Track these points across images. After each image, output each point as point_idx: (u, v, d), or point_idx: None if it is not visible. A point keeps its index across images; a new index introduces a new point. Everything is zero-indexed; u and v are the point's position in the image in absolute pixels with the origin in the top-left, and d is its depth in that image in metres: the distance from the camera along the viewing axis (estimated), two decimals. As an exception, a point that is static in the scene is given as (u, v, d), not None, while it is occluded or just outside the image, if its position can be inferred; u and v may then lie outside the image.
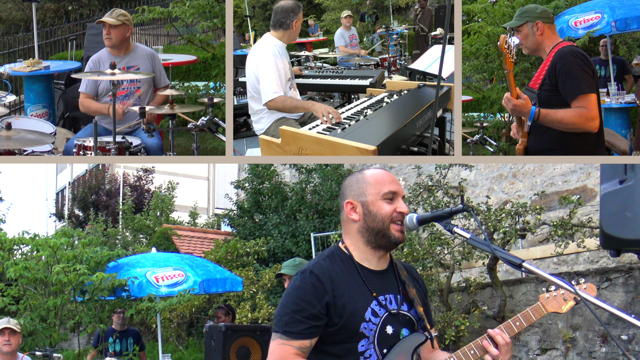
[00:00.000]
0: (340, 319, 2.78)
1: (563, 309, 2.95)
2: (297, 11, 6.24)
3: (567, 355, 8.33)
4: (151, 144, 6.72)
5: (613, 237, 4.08)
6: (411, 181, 11.17)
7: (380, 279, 2.93)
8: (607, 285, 8.20)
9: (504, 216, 8.98)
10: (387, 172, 2.98)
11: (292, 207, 12.41)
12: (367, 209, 2.90)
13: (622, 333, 7.87)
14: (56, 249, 8.73)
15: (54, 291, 8.72)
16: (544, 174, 11.04)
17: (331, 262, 2.88)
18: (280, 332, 2.77)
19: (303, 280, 2.80)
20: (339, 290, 2.80)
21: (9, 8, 16.10)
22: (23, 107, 8.55)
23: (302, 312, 2.75)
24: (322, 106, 5.79)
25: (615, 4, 7.81)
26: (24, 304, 8.88)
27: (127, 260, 9.76)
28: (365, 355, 2.81)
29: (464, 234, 2.92)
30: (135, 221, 16.64)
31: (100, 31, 8.46)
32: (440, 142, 6.68)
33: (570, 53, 4.86)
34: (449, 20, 5.05)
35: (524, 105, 4.81)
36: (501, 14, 8.05)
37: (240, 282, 9.71)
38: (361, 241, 2.92)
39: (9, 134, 5.91)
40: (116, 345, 9.50)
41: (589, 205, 9.86)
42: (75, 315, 8.99)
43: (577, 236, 8.71)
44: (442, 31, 11.62)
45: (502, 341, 2.83)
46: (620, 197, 4.04)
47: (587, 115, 4.72)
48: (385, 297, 2.89)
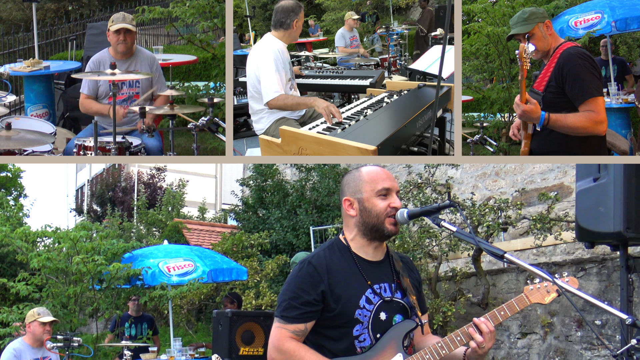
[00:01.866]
0: (336, 305, 2.80)
1: (546, 300, 2.94)
2: (297, 11, 5.86)
3: (546, 339, 8.33)
4: (151, 144, 6.36)
5: (588, 230, 4.08)
6: (402, 179, 11.16)
7: (376, 269, 2.94)
8: (582, 274, 8.20)
9: (488, 211, 8.97)
10: (383, 169, 2.98)
11: (293, 202, 12.38)
12: (362, 206, 2.91)
13: (596, 318, 7.87)
14: (76, 241, 8.72)
15: (74, 280, 8.72)
16: (524, 173, 11.02)
17: (330, 253, 2.90)
18: (279, 316, 2.82)
19: (301, 270, 2.84)
20: (335, 278, 2.82)
21: (9, 8, 15.32)
22: (23, 107, 8.07)
23: (298, 299, 2.79)
24: (324, 102, 5.46)
25: (615, 4, 7.40)
26: (46, 292, 8.89)
27: (141, 251, 9.76)
28: (360, 339, 2.83)
29: (451, 228, 2.92)
30: (148, 216, 16.62)
31: (101, 31, 7.90)
32: (440, 142, 6.34)
33: (578, 55, 4.53)
34: (449, 21, 4.73)
35: (534, 110, 4.44)
36: (501, 14, 7.58)
37: (245, 272, 9.70)
38: (358, 234, 2.94)
39: (9, 134, 5.52)
40: (132, 329, 9.50)
41: (565, 201, 9.86)
42: (94, 302, 8.99)
43: (554, 229, 8.71)
44: (442, 31, 10.96)
45: (487, 329, 2.82)
46: (594, 193, 4.03)
47: (597, 119, 4.43)
48: (380, 285, 2.91)
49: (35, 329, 6.39)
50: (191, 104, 7.66)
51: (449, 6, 4.56)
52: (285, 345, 2.79)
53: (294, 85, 6.14)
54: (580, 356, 7.99)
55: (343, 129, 4.99)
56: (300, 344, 2.81)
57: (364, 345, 2.84)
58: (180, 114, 6.02)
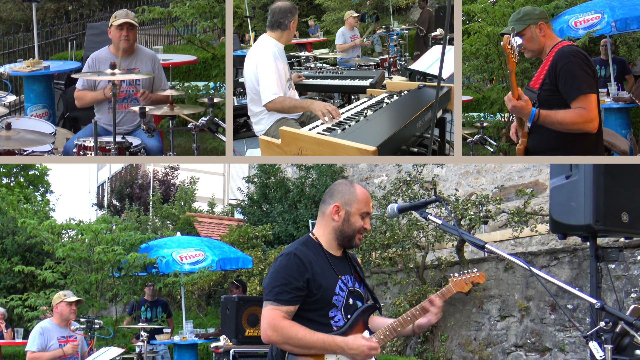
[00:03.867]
0: (317, 292, 3.00)
1: (465, 289, 3.26)
2: (294, 12, 5.44)
3: (522, 321, 8.33)
4: (151, 144, 5.84)
5: (560, 223, 4.07)
6: (392, 177, 11.16)
7: (340, 263, 3.17)
8: (555, 263, 8.20)
9: (470, 206, 8.98)
10: (368, 194, 3.19)
11: (294, 198, 12.39)
12: (347, 217, 3.13)
13: (568, 303, 7.88)
14: (97, 233, 8.73)
15: (95, 268, 8.72)
16: (503, 171, 11.02)
17: (306, 248, 3.09)
18: (272, 299, 2.99)
19: (289, 260, 3.01)
20: (314, 269, 3.02)
21: (9, 8, 14.33)
22: (23, 107, 7.44)
23: (289, 285, 2.96)
24: (321, 104, 5.07)
25: (615, 4, 6.96)
26: (70, 279, 8.89)
27: (156, 242, 9.76)
28: (335, 319, 3.06)
29: (437, 221, 2.93)
30: (163, 210, 16.62)
31: (101, 31, 7.32)
32: (440, 143, 5.96)
33: (571, 53, 4.24)
34: (449, 21, 4.42)
35: (524, 106, 4.17)
36: (501, 14, 7.11)
37: (250, 261, 9.70)
38: (332, 237, 3.16)
39: (9, 134, 5.12)
40: (147, 312, 9.49)
41: (540, 197, 9.86)
42: (113, 288, 9.00)
43: (530, 222, 8.71)
44: (442, 32, 10.26)
45: (439, 303, 3.16)
46: (566, 190, 4.02)
47: (587, 116, 4.16)
48: (345, 277, 3.14)
49: (62, 309, 6.38)
50: (191, 104, 7.14)
51: (448, 6, 4.30)
52: (281, 323, 2.94)
53: (292, 85, 5.70)
54: (554, 337, 8.00)
55: (343, 130, 4.67)
56: (292, 322, 2.97)
57: (339, 324, 3.05)
58: (180, 114, 5.58)
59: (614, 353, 2.66)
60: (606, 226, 3.91)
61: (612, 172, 3.94)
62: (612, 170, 3.94)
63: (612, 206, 3.93)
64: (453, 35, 5.80)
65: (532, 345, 8.19)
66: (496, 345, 8.56)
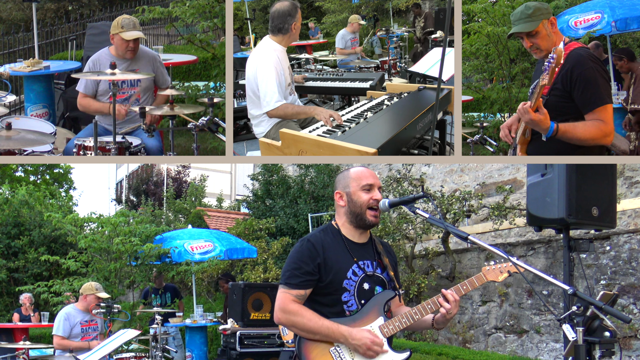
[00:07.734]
0: (328, 276, 2.84)
1: (499, 278, 2.97)
2: (294, 13, 4.88)
3: (502, 306, 8.34)
4: (151, 144, 5.41)
5: (536, 217, 4.07)
6: (384, 175, 11.15)
7: (361, 249, 2.97)
8: (532, 253, 8.20)
9: (454, 201, 8.98)
10: (367, 169, 3.01)
11: (294, 194, 12.36)
12: (350, 198, 2.95)
13: (543, 289, 7.89)
14: (116, 226, 8.71)
15: (114, 257, 8.70)
16: (484, 169, 11.02)
17: (324, 234, 2.94)
18: (283, 283, 2.85)
19: (302, 246, 2.88)
20: (328, 254, 2.86)
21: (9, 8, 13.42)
22: (23, 107, 6.94)
23: (299, 269, 2.82)
24: (324, 110, 4.69)
25: (615, 4, 6.47)
26: (91, 267, 8.89)
27: (170, 234, 9.75)
28: (348, 304, 2.87)
29: (424, 214, 2.92)
30: (175, 205, 16.57)
31: (101, 31, 7.01)
32: (441, 145, 5.62)
33: (590, 58, 3.51)
34: (449, 23, 4.03)
35: (543, 120, 3.44)
36: (501, 14, 6.59)
37: (255, 251, 9.69)
38: (347, 221, 2.97)
39: (9, 134, 4.72)
40: (158, 299, 9.54)
41: (518, 193, 9.86)
42: (130, 276, 8.99)
43: (509, 216, 8.72)
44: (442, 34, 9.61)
45: (452, 299, 2.87)
46: (542, 186, 4.02)
47: (606, 130, 3.51)
48: (364, 262, 2.94)
49: (90, 300, 6.35)
50: (191, 104, 6.67)
51: (448, 9, 3.96)
52: (289, 307, 2.82)
53: (293, 90, 5.24)
54: (530, 320, 8.00)
55: (343, 132, 4.33)
56: (302, 306, 2.84)
57: (352, 309, 2.87)
58: (180, 114, 5.12)
59: (585, 334, 2.66)
60: (578, 219, 3.91)
61: (583, 171, 3.94)
62: (583, 169, 3.94)
63: (583, 201, 3.93)
64: (453, 38, 5.37)
65: (510, 328, 8.20)
66: (478, 328, 8.57)
